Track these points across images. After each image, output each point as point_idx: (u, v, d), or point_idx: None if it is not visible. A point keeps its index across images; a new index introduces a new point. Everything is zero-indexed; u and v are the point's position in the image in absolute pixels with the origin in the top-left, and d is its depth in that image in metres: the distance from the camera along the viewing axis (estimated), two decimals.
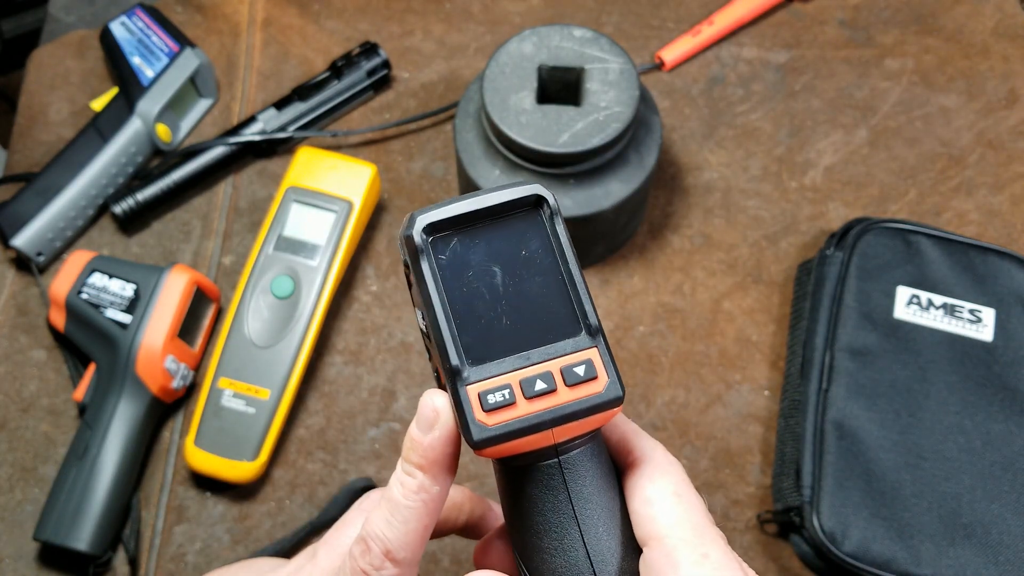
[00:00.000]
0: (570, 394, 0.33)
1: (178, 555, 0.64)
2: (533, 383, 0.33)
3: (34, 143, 0.78)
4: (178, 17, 0.82)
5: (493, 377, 0.33)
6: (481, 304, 0.34)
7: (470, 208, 0.34)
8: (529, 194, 0.34)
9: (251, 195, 0.76)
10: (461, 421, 0.33)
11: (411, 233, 0.34)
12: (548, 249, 0.34)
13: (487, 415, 0.33)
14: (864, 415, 0.63)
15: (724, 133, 0.78)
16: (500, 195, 0.34)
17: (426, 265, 0.34)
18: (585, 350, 0.33)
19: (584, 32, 0.65)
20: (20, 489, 0.66)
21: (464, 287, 0.34)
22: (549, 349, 0.33)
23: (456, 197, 0.34)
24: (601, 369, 0.33)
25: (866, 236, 0.68)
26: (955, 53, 0.81)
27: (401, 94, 0.80)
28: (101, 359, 0.66)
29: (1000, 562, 0.59)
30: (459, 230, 0.34)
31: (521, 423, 0.33)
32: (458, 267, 0.34)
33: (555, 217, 0.34)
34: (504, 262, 0.34)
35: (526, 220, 0.35)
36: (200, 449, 0.64)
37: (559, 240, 0.34)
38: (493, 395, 0.33)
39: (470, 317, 0.33)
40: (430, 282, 0.33)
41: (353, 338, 0.71)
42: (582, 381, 0.33)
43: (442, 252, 0.34)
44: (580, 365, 0.33)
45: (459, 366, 0.33)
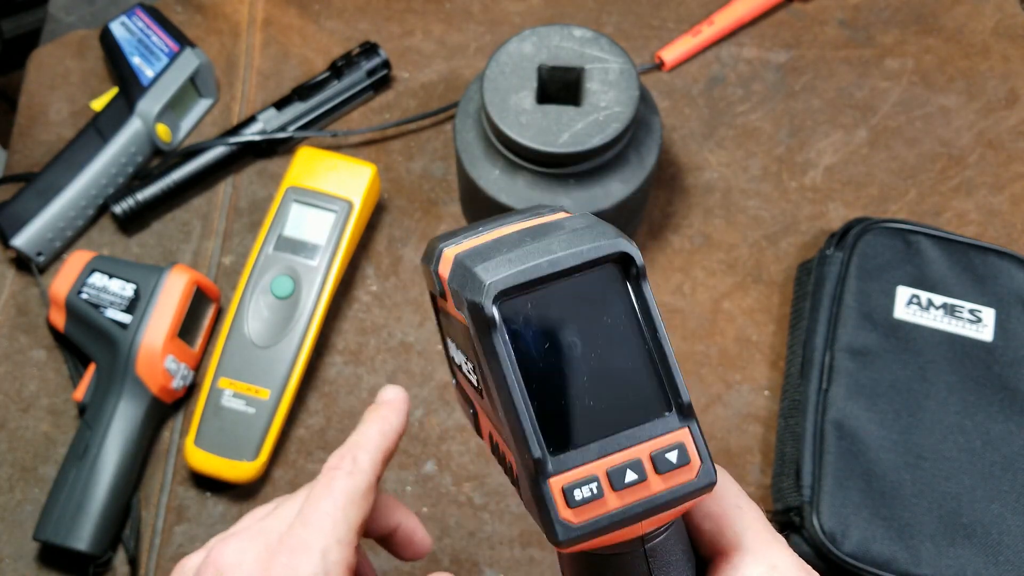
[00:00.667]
0: (662, 483, 0.29)
1: (178, 555, 0.64)
2: (623, 474, 0.29)
3: (34, 143, 0.78)
4: (178, 17, 0.82)
5: (577, 467, 0.29)
6: (560, 382, 0.29)
7: (547, 271, 0.29)
8: (614, 251, 0.30)
9: (251, 195, 0.76)
10: (542, 518, 0.29)
11: (479, 302, 0.29)
12: (632, 316, 0.30)
13: (573, 512, 0.29)
14: (864, 415, 0.63)
15: (724, 133, 0.78)
16: (580, 253, 0.29)
17: (499, 341, 0.29)
18: (676, 432, 0.30)
19: (584, 32, 0.65)
20: (20, 489, 0.66)
21: (541, 363, 0.29)
22: (637, 432, 0.30)
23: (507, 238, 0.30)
24: (694, 453, 0.30)
25: (866, 236, 0.68)
26: (955, 53, 0.81)
27: (401, 94, 0.80)
28: (101, 359, 0.66)
29: (1000, 562, 0.59)
30: (530, 291, 0.29)
31: (610, 519, 0.29)
32: (531, 339, 0.29)
33: (642, 279, 0.30)
34: (583, 331, 0.30)
35: (607, 277, 0.30)
36: (200, 449, 0.64)
37: (646, 305, 0.30)
38: (580, 490, 0.29)
39: (549, 398, 0.29)
40: (504, 362, 0.29)
41: (353, 338, 0.71)
42: (674, 468, 0.29)
43: (512, 321, 0.29)
44: (672, 450, 0.29)
45: (543, 458, 0.29)
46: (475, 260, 0.30)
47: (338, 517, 0.36)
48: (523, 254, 0.29)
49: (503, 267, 0.29)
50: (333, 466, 0.38)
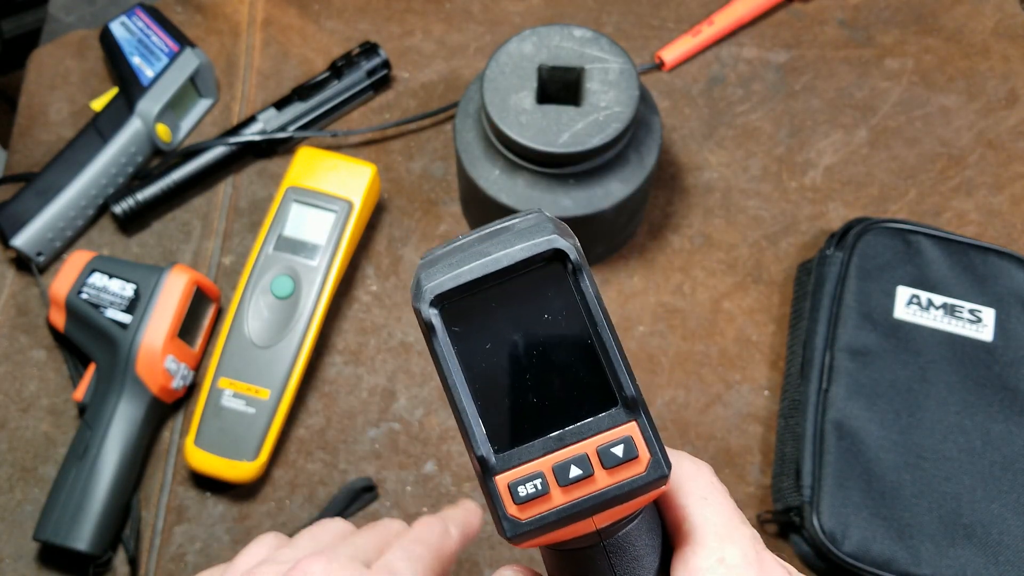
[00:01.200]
0: (609, 478, 0.29)
1: (178, 555, 0.64)
2: (567, 470, 0.29)
3: (34, 143, 0.78)
4: (178, 17, 0.82)
5: (522, 464, 0.30)
6: (504, 380, 0.30)
7: (483, 272, 0.30)
8: (546, 249, 0.30)
9: (251, 195, 0.76)
10: (493, 514, 0.30)
11: (419, 307, 0.30)
12: (574, 311, 0.30)
13: (519, 508, 0.29)
14: (864, 415, 0.63)
15: (724, 133, 0.78)
16: (514, 253, 0.30)
17: (440, 342, 0.30)
18: (622, 425, 0.30)
19: (584, 32, 0.65)
20: (20, 489, 0.66)
21: (484, 362, 0.30)
22: (582, 427, 0.30)
23: (461, 244, 0.31)
24: (643, 446, 0.30)
25: (866, 236, 0.68)
26: (955, 53, 0.81)
27: (401, 94, 0.80)
28: (101, 359, 0.66)
29: (1000, 562, 0.59)
30: (471, 293, 0.30)
31: (556, 515, 0.29)
32: (475, 339, 0.30)
33: (580, 273, 0.30)
34: (526, 329, 0.30)
35: (547, 277, 0.30)
36: (200, 449, 0.64)
37: (586, 300, 0.30)
38: (524, 487, 0.29)
39: (493, 396, 0.30)
40: (446, 362, 0.30)
41: (353, 338, 0.71)
42: (621, 463, 0.29)
43: (455, 323, 0.30)
44: (618, 444, 0.29)
45: (486, 456, 0.30)
46: (424, 267, 0.31)
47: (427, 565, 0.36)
48: (463, 258, 0.30)
49: (442, 272, 0.30)
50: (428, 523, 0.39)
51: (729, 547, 0.31)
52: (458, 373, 0.30)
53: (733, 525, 0.32)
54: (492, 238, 0.31)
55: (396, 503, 0.66)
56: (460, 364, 0.30)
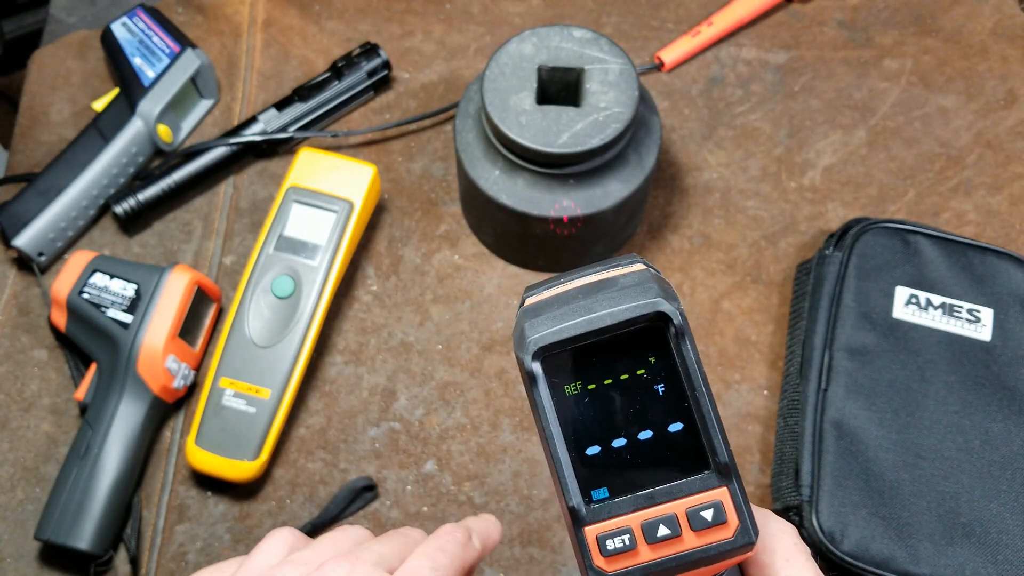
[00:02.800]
0: (696, 540, 0.30)
1: (179, 554, 0.64)
2: (655, 528, 0.30)
3: (35, 143, 0.78)
4: (179, 18, 0.82)
5: (612, 518, 0.30)
6: (599, 435, 0.31)
7: (586, 329, 0.31)
8: (650, 312, 0.31)
9: (252, 195, 0.76)
10: (580, 563, 0.31)
11: (522, 357, 0.31)
12: (673, 372, 0.31)
13: (606, 560, 0.30)
14: (863, 415, 0.63)
15: (723, 133, 0.78)
16: (619, 313, 0.31)
17: (539, 394, 0.31)
18: (713, 490, 0.30)
19: (584, 33, 0.65)
20: (21, 488, 0.66)
21: (581, 412, 0.31)
22: (673, 488, 0.30)
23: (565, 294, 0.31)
24: (732, 512, 0.30)
25: (865, 236, 0.68)
26: (954, 54, 0.81)
27: (401, 95, 0.80)
28: (102, 359, 0.67)
29: (999, 561, 0.59)
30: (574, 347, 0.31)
31: (641, 571, 0.30)
32: (572, 388, 0.31)
33: (682, 337, 0.31)
34: (623, 386, 0.31)
35: (649, 336, 0.31)
36: (201, 448, 0.64)
37: (686, 363, 0.31)
38: (612, 540, 0.30)
39: (585, 445, 0.31)
40: (545, 412, 0.31)
41: (353, 338, 0.71)
42: (710, 527, 0.30)
43: (556, 374, 0.31)
44: (708, 509, 0.30)
45: (577, 507, 0.31)
46: (528, 315, 0.32)
47: (448, 574, 0.36)
48: (568, 312, 0.31)
49: (547, 324, 0.31)
50: (450, 531, 0.38)
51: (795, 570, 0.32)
52: (556, 425, 0.31)
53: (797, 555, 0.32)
54: (596, 292, 0.31)
55: (396, 502, 0.66)
56: (557, 414, 0.31)
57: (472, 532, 0.39)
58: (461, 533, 0.38)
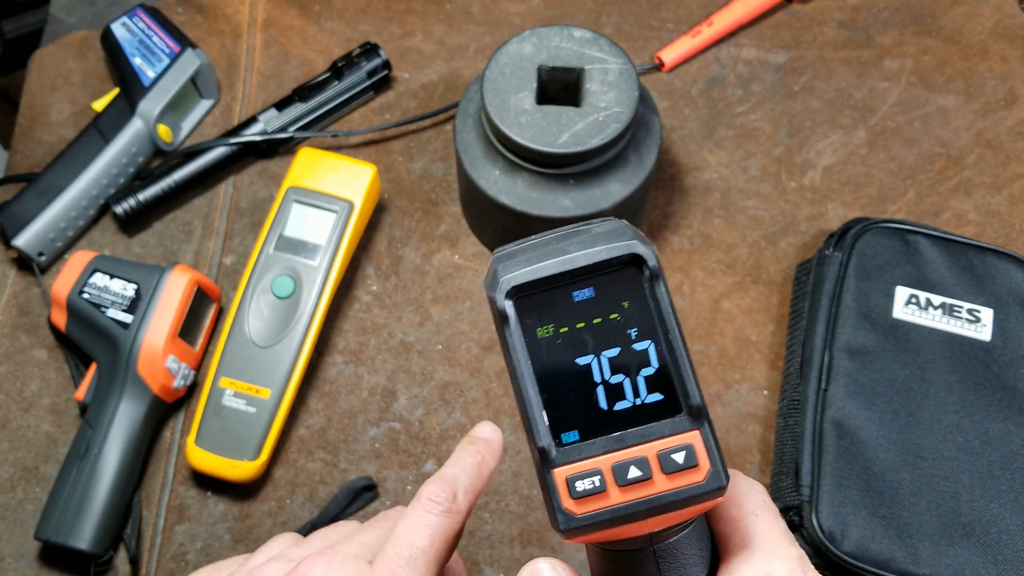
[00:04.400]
0: (667, 483, 0.30)
1: (179, 554, 0.64)
2: (626, 470, 0.30)
3: (35, 143, 0.78)
4: (179, 18, 0.82)
5: (582, 460, 0.30)
6: (570, 377, 0.31)
7: (561, 269, 0.31)
8: (624, 253, 0.31)
9: (252, 195, 0.76)
10: (548, 505, 0.30)
11: (494, 296, 0.31)
12: (646, 316, 0.31)
13: (575, 503, 0.30)
14: (863, 415, 0.63)
15: (723, 133, 0.78)
16: (594, 253, 0.31)
17: (511, 333, 0.31)
18: (685, 433, 0.30)
19: (584, 33, 0.65)
20: (21, 488, 0.66)
21: (552, 358, 0.31)
22: (645, 430, 0.30)
23: (541, 243, 0.31)
24: (703, 456, 0.30)
25: (865, 236, 0.68)
26: (954, 54, 0.81)
27: (401, 94, 0.80)
28: (102, 359, 0.67)
29: (999, 561, 0.59)
30: (547, 289, 0.31)
31: (612, 513, 0.30)
32: (544, 330, 0.31)
33: (656, 280, 0.31)
34: (596, 329, 0.31)
35: (622, 280, 0.31)
36: (201, 448, 0.64)
37: (659, 306, 0.31)
38: (582, 482, 0.30)
39: (558, 392, 0.31)
40: (516, 352, 0.31)
41: (353, 338, 0.71)
42: (681, 469, 0.30)
43: (529, 315, 0.31)
44: (679, 451, 0.30)
45: (547, 447, 0.30)
46: (501, 260, 0.31)
47: (431, 556, 0.35)
48: (541, 255, 0.31)
49: (520, 266, 0.31)
50: (432, 498, 0.36)
51: (776, 563, 0.32)
52: (526, 364, 0.31)
53: (781, 543, 0.32)
54: (570, 238, 0.31)
55: (396, 502, 0.66)
56: (529, 356, 0.31)
57: (457, 487, 0.36)
58: (443, 495, 0.36)
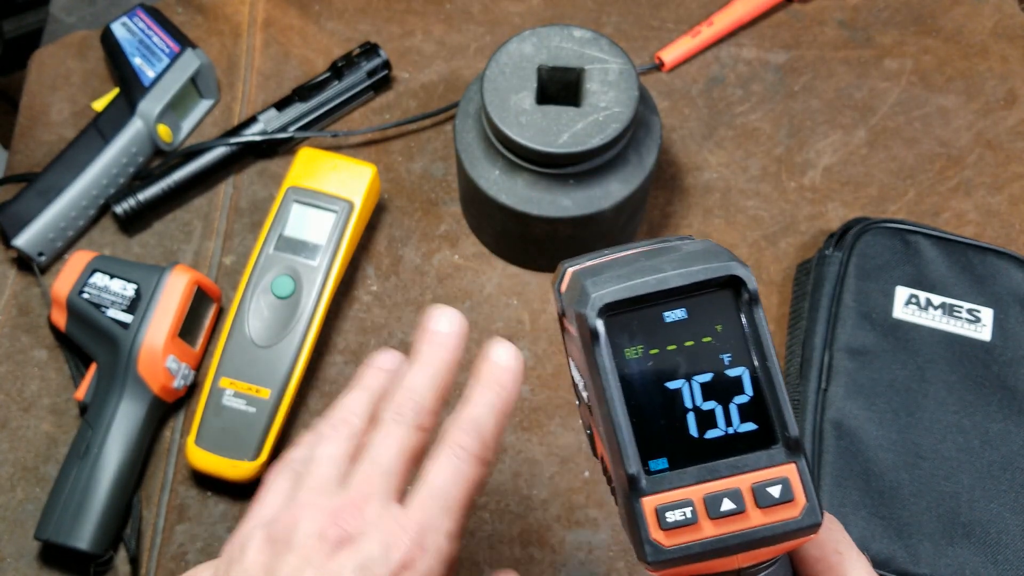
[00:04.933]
0: (762, 517, 0.29)
1: (179, 554, 0.64)
2: (719, 502, 0.28)
3: (35, 143, 0.78)
4: (179, 18, 0.82)
5: (673, 490, 0.29)
6: (661, 402, 0.29)
7: (655, 288, 0.29)
8: (724, 275, 0.29)
9: (252, 195, 0.76)
10: (632, 534, 0.29)
11: (584, 313, 0.29)
12: (741, 338, 0.30)
13: (665, 534, 0.29)
14: (863, 415, 0.63)
15: (723, 133, 0.78)
16: (690, 273, 0.29)
17: (601, 353, 0.29)
18: (781, 466, 0.29)
19: (584, 32, 0.65)
20: (21, 488, 0.66)
21: (642, 377, 0.29)
22: (738, 461, 0.29)
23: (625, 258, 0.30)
24: (799, 490, 0.29)
25: (865, 236, 0.68)
26: (954, 54, 0.81)
27: (401, 94, 0.80)
28: (102, 359, 0.67)
29: (999, 561, 0.59)
30: (638, 308, 0.30)
31: (703, 547, 0.29)
32: (634, 351, 0.30)
33: (754, 305, 0.29)
34: (688, 352, 0.30)
35: (717, 303, 0.30)
36: (201, 448, 0.64)
37: (757, 331, 0.29)
38: (672, 512, 0.28)
39: (648, 413, 0.29)
40: (605, 373, 0.29)
41: (353, 338, 0.71)
42: (777, 504, 0.29)
43: (618, 335, 0.30)
44: (775, 484, 0.29)
45: (636, 475, 0.29)
46: (588, 275, 0.30)
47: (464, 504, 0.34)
48: (633, 271, 0.30)
49: (612, 283, 0.29)
50: (461, 445, 0.35)
51: None
52: (616, 386, 0.29)
53: None
54: (660, 255, 0.30)
55: None
56: (618, 375, 0.29)
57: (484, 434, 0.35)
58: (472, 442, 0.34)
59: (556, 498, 0.65)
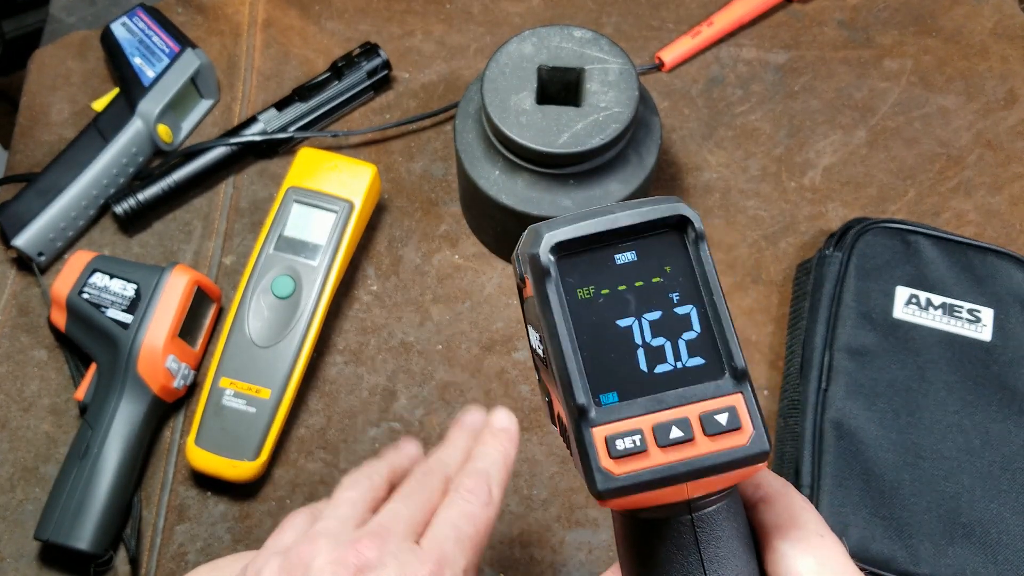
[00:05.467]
0: (709, 445, 0.29)
1: (179, 554, 0.64)
2: (668, 430, 0.29)
3: (35, 143, 0.78)
4: (179, 18, 0.82)
5: (623, 420, 0.30)
6: (611, 337, 0.30)
7: (605, 227, 0.31)
8: (671, 214, 0.31)
9: (252, 195, 0.76)
10: (584, 466, 0.30)
11: (537, 252, 0.30)
12: (688, 275, 0.31)
13: (615, 462, 0.29)
14: (863, 415, 0.63)
15: (723, 133, 0.78)
16: (639, 213, 0.31)
17: (552, 289, 0.30)
18: (728, 396, 0.30)
19: (584, 33, 0.65)
20: (21, 488, 0.66)
21: (593, 316, 0.30)
22: (687, 392, 0.30)
23: (586, 212, 0.31)
24: (746, 419, 0.30)
25: (865, 236, 0.68)
26: (954, 54, 0.81)
27: (401, 94, 0.80)
28: (102, 359, 0.67)
29: (999, 561, 0.59)
30: (590, 250, 0.31)
31: (652, 474, 0.29)
32: (585, 291, 0.31)
33: (700, 242, 0.31)
34: (637, 288, 0.31)
35: (666, 243, 0.31)
36: (201, 448, 0.64)
37: (704, 268, 0.31)
38: (622, 440, 0.29)
39: (597, 349, 0.30)
40: (556, 309, 0.30)
41: (353, 338, 0.71)
42: (724, 431, 0.29)
43: (570, 275, 0.31)
44: (722, 413, 0.29)
45: (585, 405, 0.30)
46: (545, 226, 0.31)
47: (476, 542, 0.35)
48: (586, 215, 0.31)
49: (564, 225, 0.31)
50: (471, 491, 0.36)
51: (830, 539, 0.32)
52: (566, 321, 0.30)
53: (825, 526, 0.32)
54: (614, 206, 0.31)
55: None
56: (569, 313, 0.30)
57: (491, 482, 0.36)
58: (481, 490, 0.36)
59: (556, 498, 0.65)
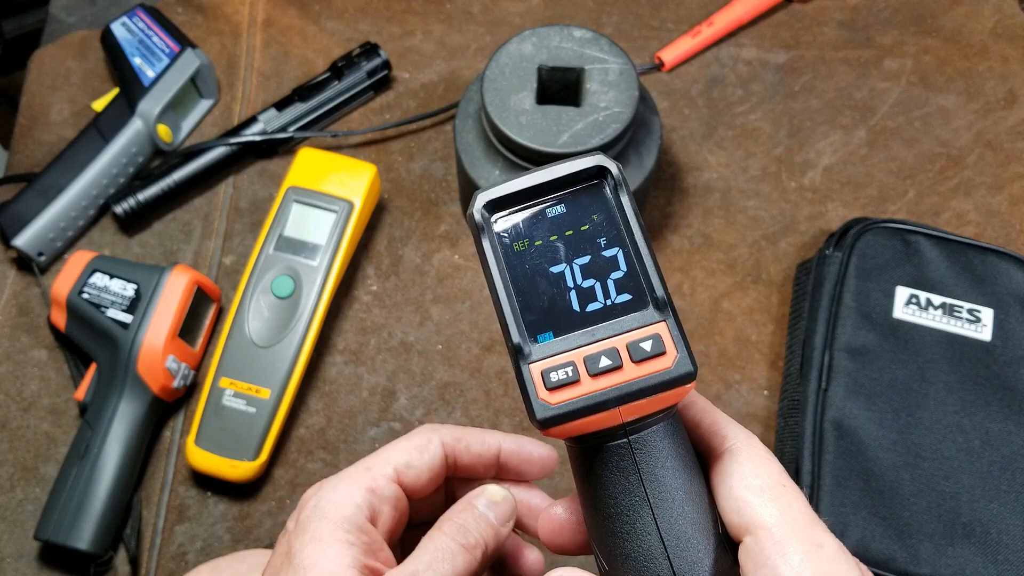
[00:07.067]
0: (637, 370, 0.32)
1: (179, 554, 0.64)
2: (597, 360, 0.32)
3: (35, 143, 0.78)
4: (179, 18, 0.82)
5: (556, 355, 0.32)
6: (544, 280, 0.33)
7: (531, 183, 0.34)
8: (590, 165, 0.34)
9: (252, 195, 0.76)
10: (524, 400, 0.33)
11: (472, 211, 0.33)
12: (613, 221, 0.34)
13: (550, 393, 0.32)
14: (863, 415, 0.63)
15: (723, 133, 0.78)
16: (561, 168, 0.34)
17: (487, 243, 0.33)
18: (652, 324, 0.32)
19: (584, 32, 0.65)
20: (21, 488, 0.66)
21: (527, 264, 0.33)
22: (615, 324, 0.32)
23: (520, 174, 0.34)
24: (670, 344, 0.32)
25: (865, 236, 0.68)
26: (954, 54, 0.81)
27: (401, 94, 0.80)
28: (102, 359, 0.67)
29: (999, 561, 0.59)
30: (522, 206, 0.34)
31: (585, 401, 0.32)
32: (520, 244, 0.34)
33: (620, 188, 0.34)
34: (567, 237, 0.34)
35: (590, 192, 0.34)
36: (201, 448, 0.64)
37: (624, 211, 0.33)
38: (556, 373, 0.32)
39: (533, 294, 0.33)
40: (491, 260, 0.33)
41: (353, 338, 0.71)
42: (649, 357, 0.32)
43: (504, 229, 0.34)
44: (647, 340, 0.32)
45: (521, 343, 0.32)
46: (480, 189, 0.34)
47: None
48: (516, 175, 0.34)
49: (497, 186, 0.34)
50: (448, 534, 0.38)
51: (823, 535, 0.33)
52: (501, 270, 0.33)
53: (816, 517, 0.34)
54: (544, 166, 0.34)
55: None
56: (504, 263, 0.33)
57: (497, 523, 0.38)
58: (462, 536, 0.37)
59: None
